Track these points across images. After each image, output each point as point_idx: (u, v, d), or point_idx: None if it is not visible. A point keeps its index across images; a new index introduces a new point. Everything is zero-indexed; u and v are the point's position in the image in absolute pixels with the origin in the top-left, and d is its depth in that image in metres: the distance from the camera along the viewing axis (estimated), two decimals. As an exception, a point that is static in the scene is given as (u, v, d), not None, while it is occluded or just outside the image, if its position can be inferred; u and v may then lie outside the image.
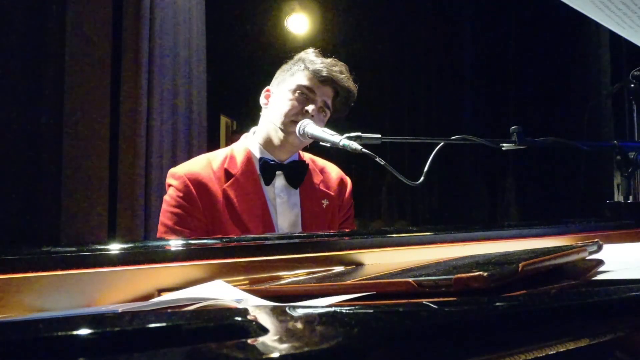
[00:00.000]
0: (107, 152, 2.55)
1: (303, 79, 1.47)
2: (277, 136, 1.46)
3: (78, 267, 0.70)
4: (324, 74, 1.46)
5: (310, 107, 1.43)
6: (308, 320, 0.47)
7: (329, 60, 1.51)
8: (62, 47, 2.52)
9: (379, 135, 1.27)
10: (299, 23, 4.28)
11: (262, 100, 1.56)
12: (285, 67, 1.54)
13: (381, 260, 0.95)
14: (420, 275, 0.61)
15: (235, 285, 0.73)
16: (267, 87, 1.57)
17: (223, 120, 4.44)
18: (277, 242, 0.90)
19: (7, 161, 2.34)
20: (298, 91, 1.46)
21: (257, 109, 1.58)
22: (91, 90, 2.55)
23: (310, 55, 1.51)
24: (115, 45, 2.62)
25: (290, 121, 1.44)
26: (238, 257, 0.82)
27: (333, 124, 1.40)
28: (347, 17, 4.43)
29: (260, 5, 4.25)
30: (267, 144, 1.49)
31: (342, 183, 1.61)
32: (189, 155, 2.77)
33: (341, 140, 1.25)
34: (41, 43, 2.52)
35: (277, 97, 1.50)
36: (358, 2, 4.46)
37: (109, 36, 2.61)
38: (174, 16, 2.83)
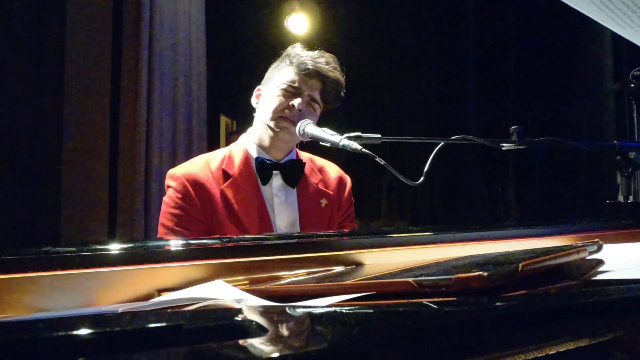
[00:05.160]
0: (107, 152, 2.56)
1: (288, 74, 1.46)
2: (268, 134, 1.46)
3: (78, 267, 0.70)
4: (309, 66, 1.44)
5: (296, 102, 1.43)
6: (308, 320, 0.47)
7: (314, 52, 1.49)
8: (62, 47, 2.52)
9: (379, 135, 1.27)
10: (299, 23, 4.28)
11: (253, 100, 1.55)
12: (274, 64, 1.53)
13: (381, 260, 0.95)
14: (420, 275, 0.61)
15: (235, 285, 0.73)
16: (257, 87, 1.56)
17: (223, 120, 4.44)
18: (276, 242, 0.90)
19: (7, 161, 2.34)
20: (284, 87, 1.45)
21: (254, 109, 1.58)
22: (91, 91, 2.55)
23: (296, 49, 1.50)
24: (115, 45, 2.62)
25: (278, 117, 1.43)
26: (238, 257, 0.82)
27: (333, 124, 1.39)
28: (347, 17, 4.44)
29: (260, 5, 4.26)
30: (262, 143, 1.49)
31: (341, 182, 1.60)
32: (188, 156, 2.78)
33: (341, 140, 1.25)
34: (41, 43, 2.52)
35: (265, 95, 1.50)
36: (358, 2, 4.46)
37: (109, 36, 2.61)
38: (174, 16, 2.83)
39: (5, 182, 2.33)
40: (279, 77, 1.48)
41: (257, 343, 0.39)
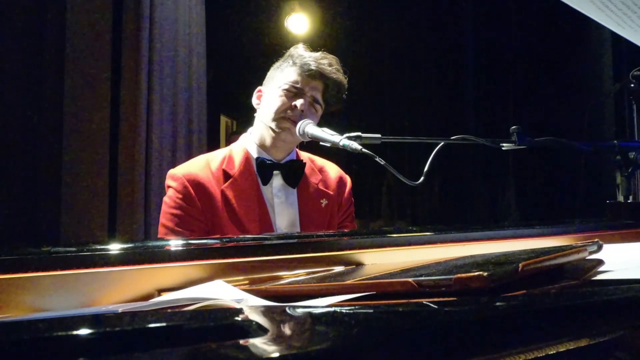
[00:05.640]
0: (107, 152, 2.55)
1: (291, 75, 1.46)
2: (269, 135, 1.46)
3: (78, 267, 0.70)
4: (312, 67, 1.45)
5: (298, 102, 1.43)
6: (308, 320, 0.47)
7: (317, 54, 1.50)
8: (62, 47, 2.52)
9: (379, 135, 1.27)
10: (299, 23, 4.28)
11: (254, 100, 1.56)
12: (275, 65, 1.54)
13: (381, 260, 0.95)
14: (420, 275, 0.61)
15: (235, 285, 0.73)
16: (258, 88, 1.57)
17: (223, 120, 4.43)
18: (276, 242, 0.90)
19: (7, 161, 2.34)
20: (286, 87, 1.45)
21: (255, 109, 1.58)
22: (91, 90, 2.55)
23: (299, 50, 1.50)
24: (115, 45, 2.62)
25: (280, 118, 1.44)
26: (238, 257, 0.82)
27: (333, 124, 1.39)
28: (347, 17, 4.43)
29: (260, 5, 4.25)
30: (263, 143, 1.49)
31: (341, 182, 1.61)
32: (188, 156, 2.77)
33: (341, 140, 1.25)
34: (41, 43, 2.52)
35: (267, 95, 1.50)
36: (358, 2, 4.46)
37: (109, 36, 2.61)
38: (174, 16, 2.83)
39: (5, 182, 2.33)
40: (281, 77, 1.48)
41: (257, 343, 0.39)
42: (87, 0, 2.58)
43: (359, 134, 1.25)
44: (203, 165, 1.44)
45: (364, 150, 1.21)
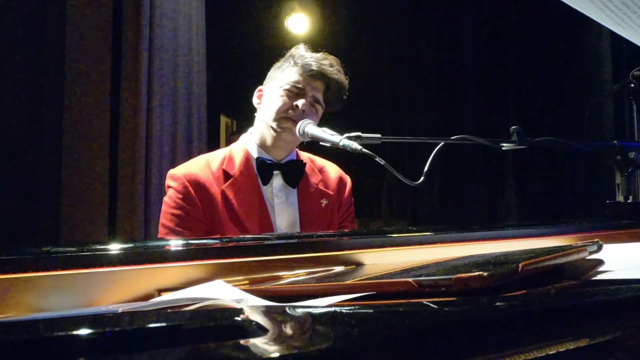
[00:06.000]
0: (107, 152, 2.56)
1: (293, 75, 1.46)
2: (270, 134, 1.46)
3: (78, 267, 0.70)
4: (314, 67, 1.45)
5: (300, 102, 1.43)
6: (308, 320, 0.47)
7: (319, 54, 1.50)
8: (62, 47, 2.53)
9: (379, 135, 1.27)
10: (299, 23, 4.28)
11: (254, 100, 1.56)
12: (276, 65, 1.54)
13: (381, 260, 0.95)
14: (420, 275, 0.61)
15: (235, 285, 0.73)
16: (259, 87, 1.57)
17: (223, 120, 4.44)
18: (277, 242, 0.90)
19: (7, 161, 2.34)
20: (287, 87, 1.45)
21: (256, 109, 1.58)
22: (91, 90, 2.55)
23: (300, 50, 1.50)
24: (115, 46, 2.62)
25: (281, 118, 1.43)
26: (238, 257, 0.82)
27: (333, 124, 1.39)
28: (347, 17, 4.44)
29: (260, 5, 4.26)
30: (263, 143, 1.49)
31: (341, 182, 1.61)
32: (188, 155, 2.78)
33: (341, 140, 1.25)
34: (41, 43, 2.52)
35: (268, 95, 1.50)
36: (358, 2, 4.46)
37: (109, 37, 2.61)
38: (174, 16, 2.83)
39: (6, 182, 2.34)
40: (282, 77, 1.48)
41: (257, 343, 0.39)
42: (88, 1, 2.58)
43: (359, 134, 1.24)
44: (203, 165, 1.44)
45: (364, 150, 1.21)
